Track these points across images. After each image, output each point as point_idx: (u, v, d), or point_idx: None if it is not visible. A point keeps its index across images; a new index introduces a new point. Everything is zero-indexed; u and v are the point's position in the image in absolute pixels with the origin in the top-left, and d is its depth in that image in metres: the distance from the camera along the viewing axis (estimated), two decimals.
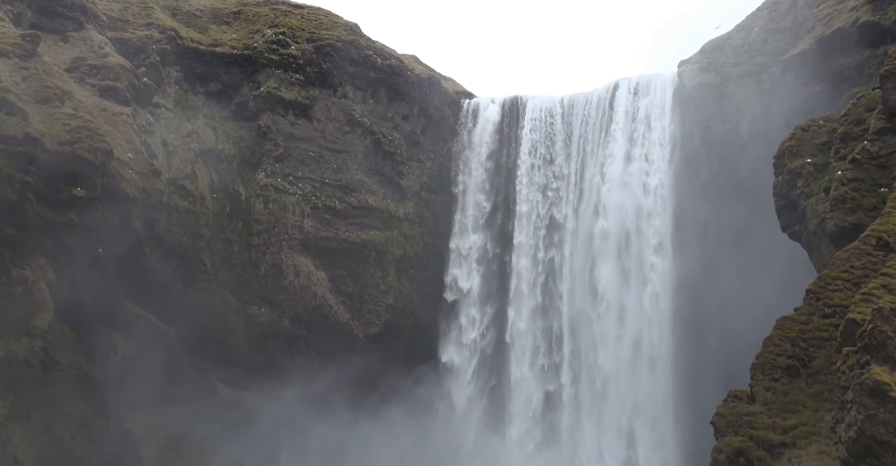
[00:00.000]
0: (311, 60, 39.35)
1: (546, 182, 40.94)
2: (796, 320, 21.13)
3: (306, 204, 38.84)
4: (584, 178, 39.58)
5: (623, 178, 38.65)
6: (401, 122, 42.29)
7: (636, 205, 38.00)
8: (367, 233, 39.95)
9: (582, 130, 41.09)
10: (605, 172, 38.59)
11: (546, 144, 41.71)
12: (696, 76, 37.75)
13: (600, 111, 41.40)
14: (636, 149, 39.36)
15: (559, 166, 41.08)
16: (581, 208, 39.36)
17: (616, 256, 37.52)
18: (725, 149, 35.76)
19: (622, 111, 40.37)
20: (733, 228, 35.04)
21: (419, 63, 43.90)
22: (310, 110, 39.32)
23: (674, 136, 38.55)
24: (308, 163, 39.20)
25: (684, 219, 37.25)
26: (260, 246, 37.63)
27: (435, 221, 42.72)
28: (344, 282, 39.76)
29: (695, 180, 37.04)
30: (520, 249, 40.61)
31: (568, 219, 40.41)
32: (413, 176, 42.00)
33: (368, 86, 40.97)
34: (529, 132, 42.07)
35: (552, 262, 40.09)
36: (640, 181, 38.22)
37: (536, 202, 40.47)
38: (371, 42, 41.53)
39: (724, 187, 35.82)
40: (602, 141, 40.03)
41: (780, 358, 20.04)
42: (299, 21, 39.99)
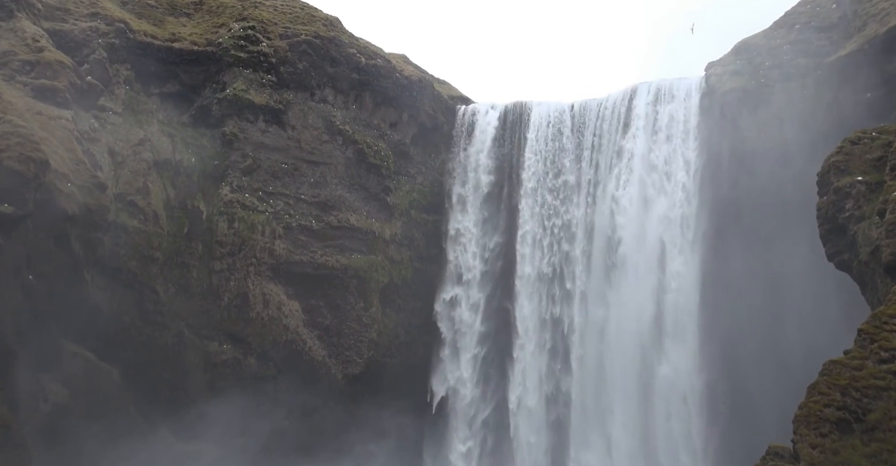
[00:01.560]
0: (284, 59, 37.94)
1: (554, 205, 39.63)
2: (847, 365, 20.02)
3: (278, 223, 37.29)
4: (596, 209, 38.24)
5: (642, 197, 37.21)
6: (388, 131, 40.95)
7: (656, 235, 36.59)
8: (348, 256, 38.44)
9: (595, 141, 39.62)
10: (618, 199, 37.28)
11: (553, 158, 40.27)
12: (728, 80, 36.20)
13: (615, 119, 39.93)
14: (657, 162, 37.95)
15: (569, 186, 39.68)
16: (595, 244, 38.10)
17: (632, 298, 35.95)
18: (761, 164, 34.28)
19: (641, 119, 38.95)
20: (771, 254, 33.63)
21: (409, 64, 42.77)
22: (283, 116, 37.89)
23: (701, 149, 37.03)
24: (281, 177, 37.78)
25: (713, 245, 35.67)
26: (223, 272, 35.93)
27: (426, 244, 41.20)
28: (320, 314, 38.15)
29: (725, 200, 35.54)
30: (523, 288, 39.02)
31: (578, 243, 38.83)
32: (401, 192, 40.68)
33: (351, 90, 39.70)
34: (535, 143, 40.67)
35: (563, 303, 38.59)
36: (662, 202, 36.85)
37: (541, 228, 39.36)
38: (354, 39, 40.28)
39: (760, 208, 34.35)
40: (617, 154, 38.68)
41: (828, 409, 18.68)
42: (271, 14, 38.54)
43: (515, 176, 41.10)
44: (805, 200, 30.40)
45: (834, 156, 28.20)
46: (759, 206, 34.03)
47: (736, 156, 35.41)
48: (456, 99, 43.22)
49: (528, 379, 38.00)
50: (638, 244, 36.36)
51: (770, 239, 33.38)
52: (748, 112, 35.44)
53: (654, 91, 39.16)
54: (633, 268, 36.14)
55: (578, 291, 37.87)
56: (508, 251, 40.35)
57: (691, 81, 38.47)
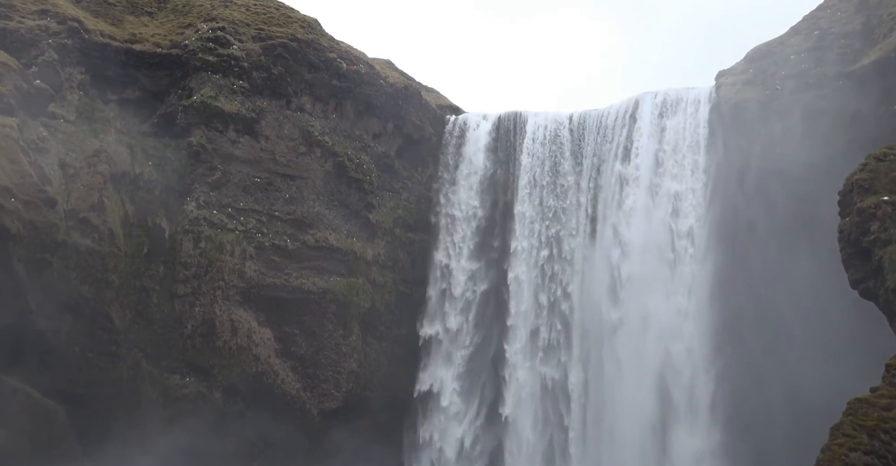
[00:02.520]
0: (258, 63, 36.49)
1: (551, 224, 38.18)
2: (874, 404, 19.60)
3: (249, 242, 35.62)
4: (595, 236, 36.76)
5: (647, 218, 35.84)
6: (371, 142, 39.62)
7: (663, 264, 35.11)
8: (327, 279, 36.77)
9: (594, 158, 38.26)
10: (620, 227, 35.90)
11: (551, 173, 38.85)
12: (740, 90, 35.00)
13: (618, 132, 38.59)
14: (663, 180, 36.54)
15: (569, 205, 38.28)
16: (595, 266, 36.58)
17: (639, 333, 34.40)
18: (776, 181, 32.91)
19: (645, 132, 37.62)
20: (788, 283, 32.01)
21: (394, 70, 41.70)
22: (256, 125, 36.40)
23: (710, 165, 35.71)
24: (252, 192, 36.21)
25: (725, 270, 34.19)
26: (187, 297, 34.15)
27: (412, 265, 39.72)
28: (295, 343, 36.40)
29: (737, 221, 34.10)
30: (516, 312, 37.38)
31: (575, 265, 37.25)
32: (385, 209, 39.23)
33: (331, 98, 38.34)
34: (530, 158, 39.27)
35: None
36: (668, 225, 35.43)
37: (536, 250, 37.92)
38: (335, 43, 39.01)
39: (775, 230, 32.91)
40: (620, 170, 37.29)
41: (854, 453, 18.25)
42: (243, 14, 37.16)
43: (509, 193, 39.81)
44: (825, 222, 29.29)
45: (857, 173, 27.37)
46: (774, 229, 32.66)
47: (749, 172, 34.09)
48: (445, 108, 42.28)
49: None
50: (641, 275, 35.08)
51: (788, 267, 32.01)
52: (762, 124, 34.22)
53: (660, 101, 37.93)
54: (636, 302, 34.80)
55: (577, 332, 36.38)
56: (500, 277, 38.99)
57: (700, 91, 37.35)
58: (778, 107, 33.93)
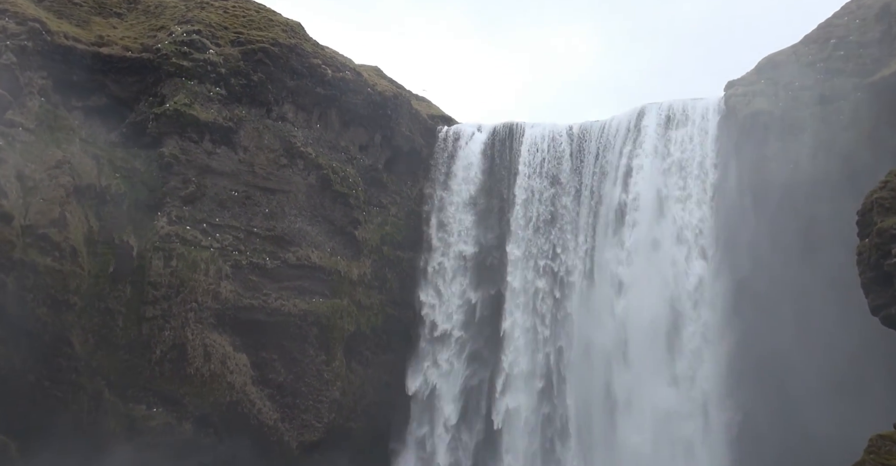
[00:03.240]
0: (236, 69, 35.12)
1: (548, 250, 36.87)
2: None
3: (225, 261, 34.06)
4: (596, 250, 35.59)
5: (651, 239, 34.61)
6: (357, 154, 38.27)
7: (670, 278, 34.07)
8: (308, 300, 35.31)
9: (595, 175, 36.99)
10: (624, 242, 34.76)
11: (550, 187, 37.62)
12: (750, 102, 33.96)
13: (619, 145, 37.33)
14: (669, 196, 35.32)
15: (568, 223, 37.04)
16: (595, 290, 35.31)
17: (644, 359, 33.05)
18: (789, 199, 31.91)
19: (650, 145, 36.43)
20: (803, 310, 30.58)
21: (383, 77, 40.44)
22: (234, 135, 35.00)
23: (720, 181, 34.60)
24: (229, 206, 34.76)
25: (735, 294, 32.90)
26: (156, 320, 32.41)
27: (400, 286, 38.18)
28: (273, 369, 34.71)
29: (749, 241, 32.78)
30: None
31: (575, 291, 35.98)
32: (372, 225, 37.79)
33: (315, 106, 37.06)
34: (527, 173, 38.03)
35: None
36: (674, 245, 34.26)
37: (533, 275, 36.71)
38: (319, 48, 37.72)
39: (790, 253, 31.47)
40: (622, 186, 36.07)
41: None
42: (221, 16, 35.81)
43: (505, 209, 38.51)
44: (843, 243, 28.19)
45: (878, 192, 26.45)
46: (788, 252, 31.28)
47: (760, 190, 33.04)
48: (437, 118, 41.12)
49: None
50: (644, 301, 33.72)
51: (804, 291, 30.59)
52: (774, 139, 33.19)
53: (665, 113, 36.76)
54: (638, 331, 33.39)
55: (574, 360, 34.90)
56: (495, 300, 37.60)
57: (708, 102, 36.24)
58: (791, 120, 33.03)
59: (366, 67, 40.14)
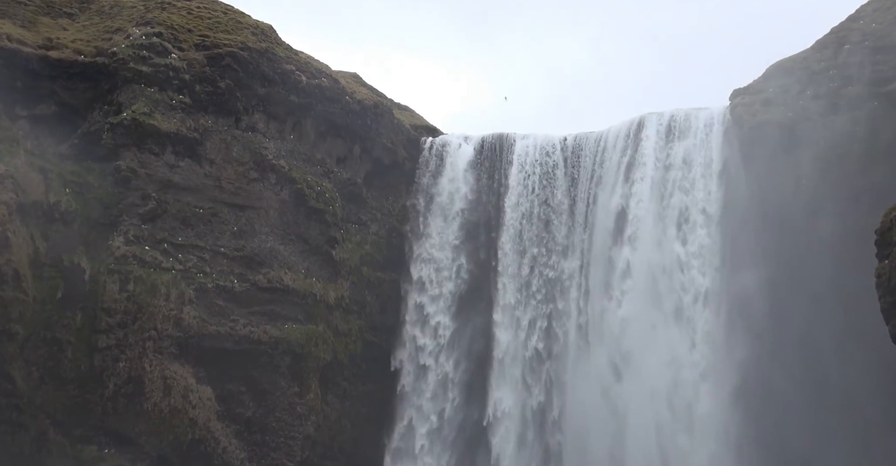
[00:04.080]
0: (201, 75, 33.45)
1: (542, 273, 35.55)
2: None
3: (188, 284, 32.28)
4: (591, 272, 34.16)
5: (651, 263, 33.24)
6: (335, 167, 36.90)
7: (671, 308, 32.75)
8: (280, 327, 33.69)
9: (591, 188, 35.64)
10: (620, 265, 33.54)
11: (542, 206, 36.25)
12: (758, 112, 32.84)
13: (617, 157, 35.91)
14: (669, 213, 34.03)
15: (560, 245, 35.64)
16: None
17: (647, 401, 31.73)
18: (801, 216, 30.72)
19: (650, 159, 35.10)
20: (816, 337, 29.48)
21: (362, 85, 39.07)
22: (198, 147, 33.31)
23: (725, 197, 33.36)
24: (194, 224, 33.06)
25: (743, 323, 31.51)
26: (109, 350, 30.37)
27: (381, 310, 36.96)
28: (240, 403, 32.90)
29: (758, 264, 31.31)
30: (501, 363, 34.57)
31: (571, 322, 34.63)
32: (351, 244, 36.44)
33: (288, 116, 35.48)
34: (519, 187, 36.75)
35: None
36: (676, 268, 32.96)
37: (524, 298, 35.49)
38: (293, 53, 36.10)
39: (801, 274, 30.17)
40: (620, 202, 34.78)
41: None
42: (185, 18, 34.08)
43: (494, 227, 37.14)
44: (859, 266, 27.28)
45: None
46: (799, 276, 30.03)
47: (769, 207, 31.78)
48: (420, 129, 39.88)
49: None
50: (645, 331, 32.48)
51: (819, 320, 29.29)
52: (784, 151, 31.95)
53: (666, 123, 35.52)
54: (640, 362, 32.09)
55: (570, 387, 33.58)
56: (484, 323, 36.06)
57: (712, 112, 35.00)
58: (802, 131, 31.78)
59: (343, 74, 38.79)
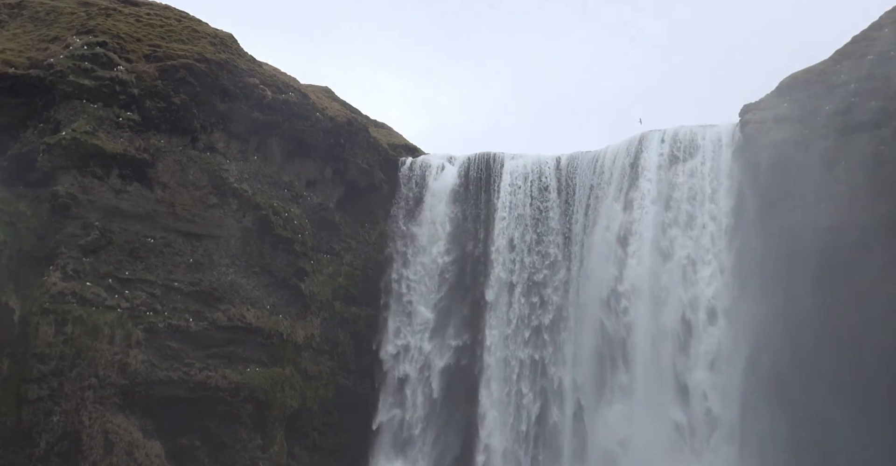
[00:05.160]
0: (153, 90, 31.38)
1: (534, 305, 33.62)
2: None
3: (136, 324, 30.00)
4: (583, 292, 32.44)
5: (653, 292, 31.28)
6: (304, 191, 35.43)
7: (676, 344, 30.70)
8: (241, 371, 31.79)
9: (589, 213, 33.77)
10: (620, 301, 31.69)
11: (534, 231, 34.24)
12: (772, 129, 31.05)
13: (616, 179, 33.94)
14: (674, 243, 31.93)
15: (555, 274, 33.68)
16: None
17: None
18: (824, 247, 28.78)
19: (652, 180, 33.17)
20: (838, 378, 27.84)
21: (334, 100, 37.63)
22: (149, 170, 31.14)
23: (736, 224, 31.24)
24: (143, 256, 30.80)
25: (759, 366, 29.65)
26: (42, 402, 27.91)
27: (355, 350, 35.10)
28: (194, 459, 30.76)
29: (773, 298, 29.27)
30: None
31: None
32: (322, 276, 34.79)
33: (251, 134, 33.79)
34: (508, 212, 34.85)
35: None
36: (682, 306, 30.89)
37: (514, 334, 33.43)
38: (256, 65, 34.27)
39: (823, 310, 28.45)
40: (619, 231, 32.71)
41: None
42: (133, 26, 31.97)
43: (481, 255, 35.28)
44: (888, 298, 26.70)
45: None
46: (823, 310, 28.15)
47: (785, 235, 29.76)
48: (399, 148, 38.68)
49: None
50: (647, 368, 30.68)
51: (840, 362, 27.66)
52: (801, 173, 30.15)
53: (670, 142, 33.49)
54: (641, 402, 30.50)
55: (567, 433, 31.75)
56: (470, 365, 33.87)
57: (720, 130, 33.07)
58: (822, 151, 29.96)
59: (314, 88, 37.30)
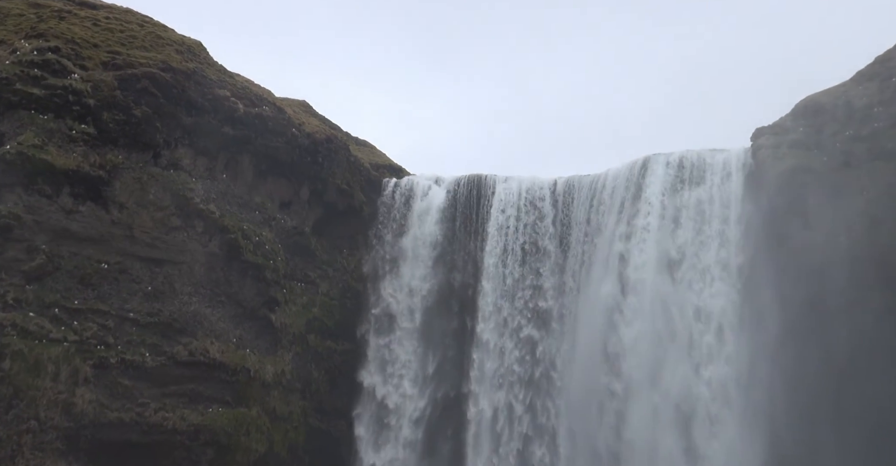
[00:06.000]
0: (110, 101, 29.43)
1: (528, 338, 31.89)
2: None
3: (84, 359, 28.06)
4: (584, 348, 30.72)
5: (654, 335, 29.71)
6: (277, 213, 33.92)
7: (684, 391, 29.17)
8: (203, 411, 30.19)
9: (586, 243, 32.24)
10: (621, 339, 29.97)
11: (527, 265, 32.55)
12: (786, 155, 29.70)
13: (616, 206, 32.40)
14: (681, 276, 30.40)
15: (547, 307, 32.18)
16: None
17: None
18: (843, 284, 27.52)
19: (655, 208, 31.44)
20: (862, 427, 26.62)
21: (312, 115, 35.96)
22: (105, 188, 29.28)
23: (747, 258, 29.77)
24: (96, 284, 28.91)
25: (775, 409, 28.39)
26: None
27: (330, 388, 33.66)
28: None
29: (791, 341, 28.12)
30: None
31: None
32: (295, 307, 33.30)
33: (220, 151, 32.18)
34: (499, 241, 33.33)
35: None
36: (687, 346, 29.46)
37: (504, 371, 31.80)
38: (227, 75, 32.49)
39: (844, 350, 27.32)
40: (619, 262, 31.25)
41: None
42: (89, 30, 29.93)
43: (471, 286, 33.76)
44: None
45: None
46: (839, 359, 27.03)
47: (802, 270, 28.43)
48: (383, 169, 37.30)
49: None
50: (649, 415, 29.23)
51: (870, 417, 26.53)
52: (819, 204, 29.01)
53: (676, 166, 31.87)
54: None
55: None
56: (458, 404, 32.29)
57: (730, 155, 31.74)
58: (841, 179, 28.86)
59: (290, 101, 35.61)
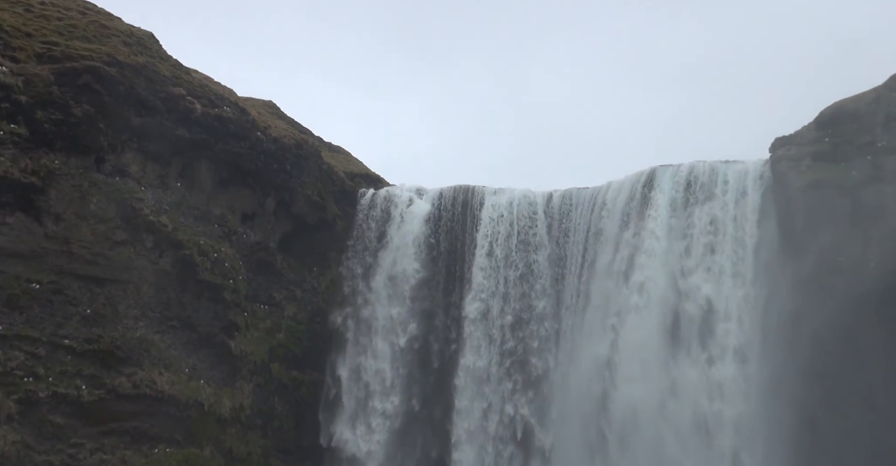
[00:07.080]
0: (46, 98, 27.70)
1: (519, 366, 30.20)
2: None
3: (9, 394, 26.30)
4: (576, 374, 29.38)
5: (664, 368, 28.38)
6: (239, 227, 32.76)
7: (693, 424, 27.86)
8: (147, 453, 28.40)
9: (585, 263, 30.72)
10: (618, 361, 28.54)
11: (520, 282, 30.91)
12: (810, 168, 28.53)
13: (618, 223, 30.92)
14: (689, 305, 29.02)
15: (541, 333, 30.48)
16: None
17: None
18: (872, 309, 26.17)
19: (662, 225, 30.02)
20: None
21: (280, 117, 34.70)
22: (39, 197, 27.63)
23: (766, 282, 28.37)
24: (25, 307, 27.22)
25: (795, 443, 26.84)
26: None
27: (295, 425, 32.12)
28: None
29: (815, 370, 26.77)
30: None
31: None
32: (258, 332, 32.05)
33: (174, 156, 30.89)
34: (487, 260, 31.78)
35: None
36: (699, 379, 27.94)
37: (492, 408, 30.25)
38: (183, 72, 30.78)
39: (881, 396, 26.04)
40: (622, 284, 29.64)
41: None
42: (20, 18, 27.96)
43: (456, 308, 32.41)
44: None
45: None
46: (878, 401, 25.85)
47: (825, 296, 27.26)
48: (359, 178, 36.07)
49: None
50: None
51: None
52: (846, 221, 27.89)
53: (684, 179, 30.26)
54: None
55: None
56: (440, 440, 30.71)
57: (746, 167, 30.53)
58: (871, 195, 27.64)
59: (255, 102, 34.09)
